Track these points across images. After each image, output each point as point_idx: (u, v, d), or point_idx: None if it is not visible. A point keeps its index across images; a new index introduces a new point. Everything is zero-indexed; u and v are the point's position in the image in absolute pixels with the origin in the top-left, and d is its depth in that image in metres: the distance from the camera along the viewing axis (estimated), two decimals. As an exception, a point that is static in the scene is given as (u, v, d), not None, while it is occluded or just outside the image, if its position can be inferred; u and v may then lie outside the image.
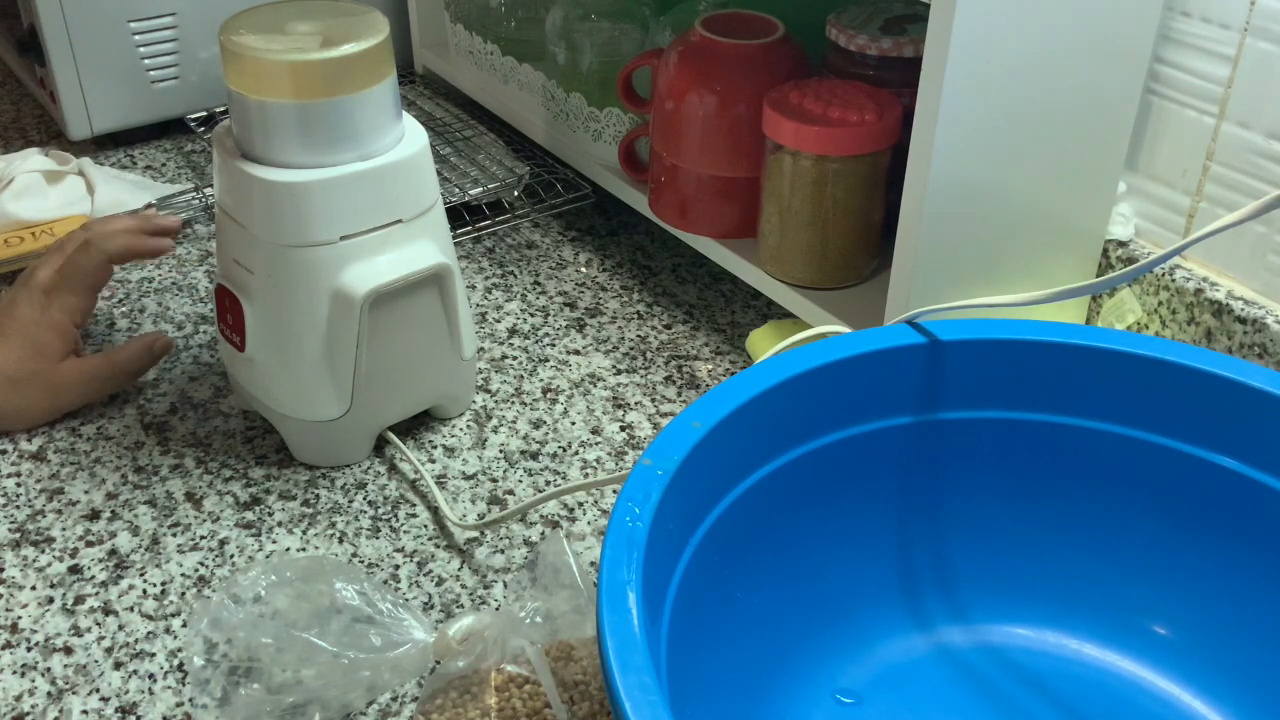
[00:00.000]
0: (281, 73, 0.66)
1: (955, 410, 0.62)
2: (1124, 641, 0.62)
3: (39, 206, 0.96)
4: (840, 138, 0.76)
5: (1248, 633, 0.59)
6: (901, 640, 0.63)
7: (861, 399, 0.60)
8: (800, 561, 0.61)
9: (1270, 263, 0.77)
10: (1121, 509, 0.62)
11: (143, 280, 0.95)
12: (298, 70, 0.66)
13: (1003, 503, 0.63)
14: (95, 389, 0.80)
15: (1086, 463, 0.61)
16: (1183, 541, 0.61)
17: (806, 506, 0.60)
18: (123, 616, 0.66)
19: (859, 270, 0.82)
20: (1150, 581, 0.62)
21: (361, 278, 0.69)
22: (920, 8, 0.83)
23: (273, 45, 0.66)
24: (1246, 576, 0.59)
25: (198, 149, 1.13)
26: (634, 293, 0.95)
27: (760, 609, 0.59)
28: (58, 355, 0.77)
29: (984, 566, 0.64)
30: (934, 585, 0.64)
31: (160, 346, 0.82)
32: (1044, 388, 0.61)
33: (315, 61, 0.66)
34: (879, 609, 0.63)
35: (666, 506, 0.50)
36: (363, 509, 0.74)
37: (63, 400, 0.79)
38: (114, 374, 0.80)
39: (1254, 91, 0.74)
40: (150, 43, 1.08)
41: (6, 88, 1.24)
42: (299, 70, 0.66)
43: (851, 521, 0.62)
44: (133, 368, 0.81)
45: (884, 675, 0.62)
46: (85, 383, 0.79)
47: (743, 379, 0.57)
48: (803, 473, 0.60)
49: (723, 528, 0.56)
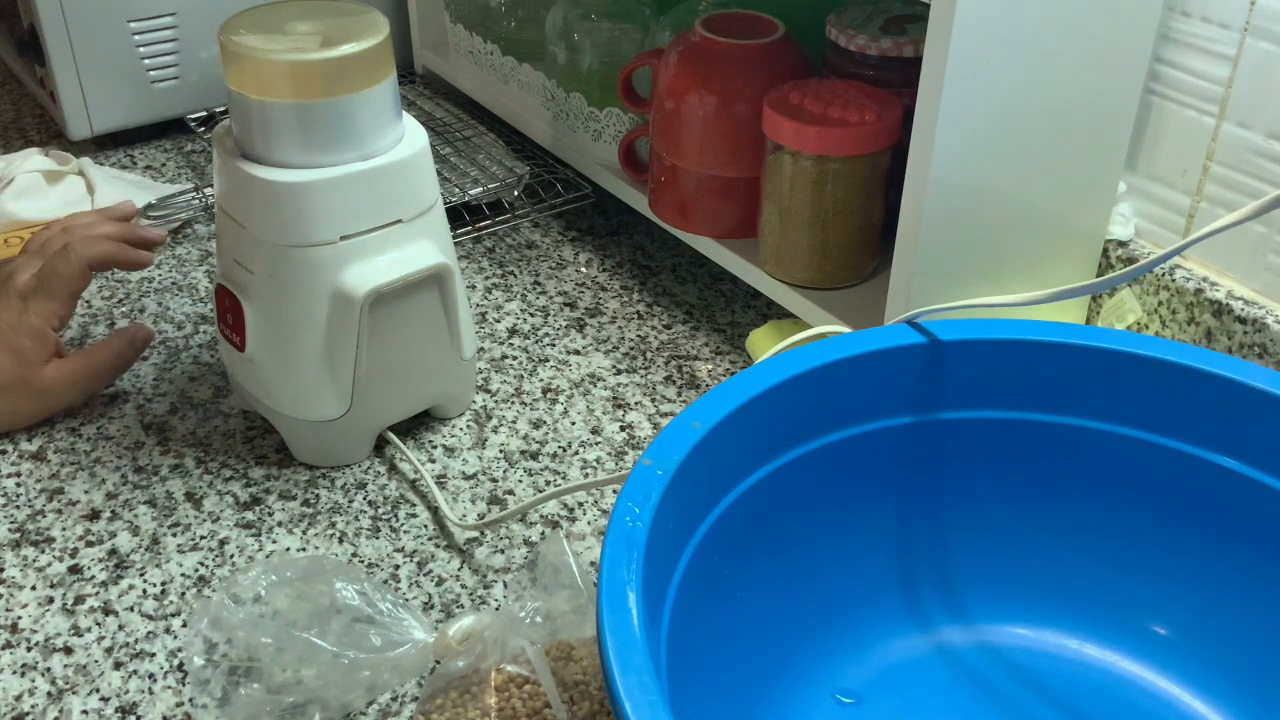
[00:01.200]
0: (281, 73, 0.66)
1: (955, 410, 0.62)
2: (1124, 641, 0.62)
3: (39, 206, 0.96)
4: (840, 138, 0.76)
5: (1248, 632, 0.59)
6: (901, 640, 0.63)
7: (862, 399, 0.60)
8: (800, 561, 0.61)
9: (1270, 263, 0.77)
10: (1121, 509, 0.62)
11: (143, 280, 0.95)
12: (297, 70, 0.66)
13: (1003, 503, 0.63)
14: (80, 389, 0.79)
15: (1086, 463, 0.61)
16: (1182, 541, 0.61)
17: (807, 506, 0.60)
18: (123, 616, 0.66)
19: (859, 270, 0.82)
20: (1150, 581, 0.62)
21: (361, 277, 0.69)
22: (920, 8, 0.83)
23: (272, 45, 0.66)
24: (1246, 576, 0.59)
25: (198, 149, 1.13)
26: (634, 293, 0.95)
27: (760, 609, 0.59)
28: (39, 360, 0.76)
29: (984, 566, 0.64)
30: (934, 585, 0.64)
31: (141, 338, 0.81)
32: (1044, 388, 0.61)
33: (315, 61, 0.66)
34: (879, 609, 0.63)
35: (666, 506, 0.50)
36: (363, 509, 0.74)
37: (50, 403, 0.78)
38: (97, 373, 0.79)
39: (1254, 91, 0.74)
40: (150, 43, 1.08)
41: (6, 88, 1.24)
42: (299, 70, 0.66)
43: (852, 521, 0.62)
44: (117, 364, 0.80)
45: (884, 675, 0.62)
46: (69, 385, 0.78)
47: (743, 379, 0.57)
48: (803, 472, 0.60)
49: (723, 528, 0.56)
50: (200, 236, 1.01)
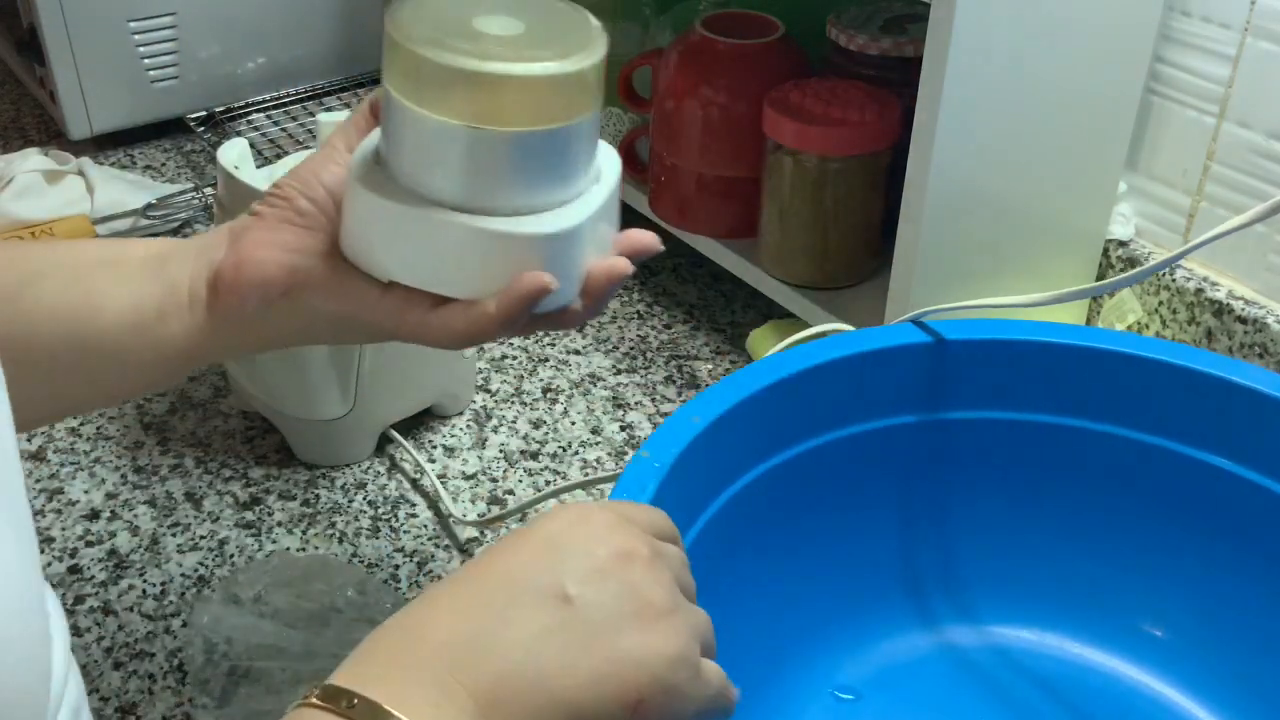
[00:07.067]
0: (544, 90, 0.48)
1: (959, 410, 0.62)
2: (1121, 643, 0.62)
3: (39, 206, 0.96)
4: (840, 138, 0.76)
5: (1245, 636, 0.59)
6: (901, 639, 0.63)
7: (865, 397, 0.60)
8: (801, 557, 0.61)
9: (1270, 263, 0.76)
10: (1122, 511, 0.62)
11: (143, 280, 0.95)
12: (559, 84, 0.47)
13: (1005, 503, 0.63)
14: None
15: (1086, 464, 0.61)
16: (1182, 544, 0.61)
17: (808, 503, 0.60)
18: (122, 616, 0.66)
19: (859, 270, 0.82)
20: (1149, 583, 0.62)
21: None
22: (920, 8, 0.83)
23: (519, 54, 0.47)
24: (1242, 578, 0.59)
25: (197, 149, 1.13)
26: (634, 293, 0.95)
27: (759, 604, 0.59)
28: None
29: (985, 567, 0.64)
30: (934, 584, 0.64)
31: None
32: (1047, 389, 0.61)
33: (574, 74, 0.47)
34: (879, 607, 0.63)
35: (663, 499, 0.50)
36: (363, 509, 0.74)
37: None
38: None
39: (1254, 91, 0.74)
40: (150, 43, 1.08)
41: (6, 88, 1.24)
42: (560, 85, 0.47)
43: (853, 519, 0.62)
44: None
45: (883, 673, 0.62)
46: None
47: (745, 374, 0.57)
48: (805, 470, 0.59)
49: (722, 522, 0.56)
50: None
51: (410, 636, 0.39)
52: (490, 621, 0.39)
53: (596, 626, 0.40)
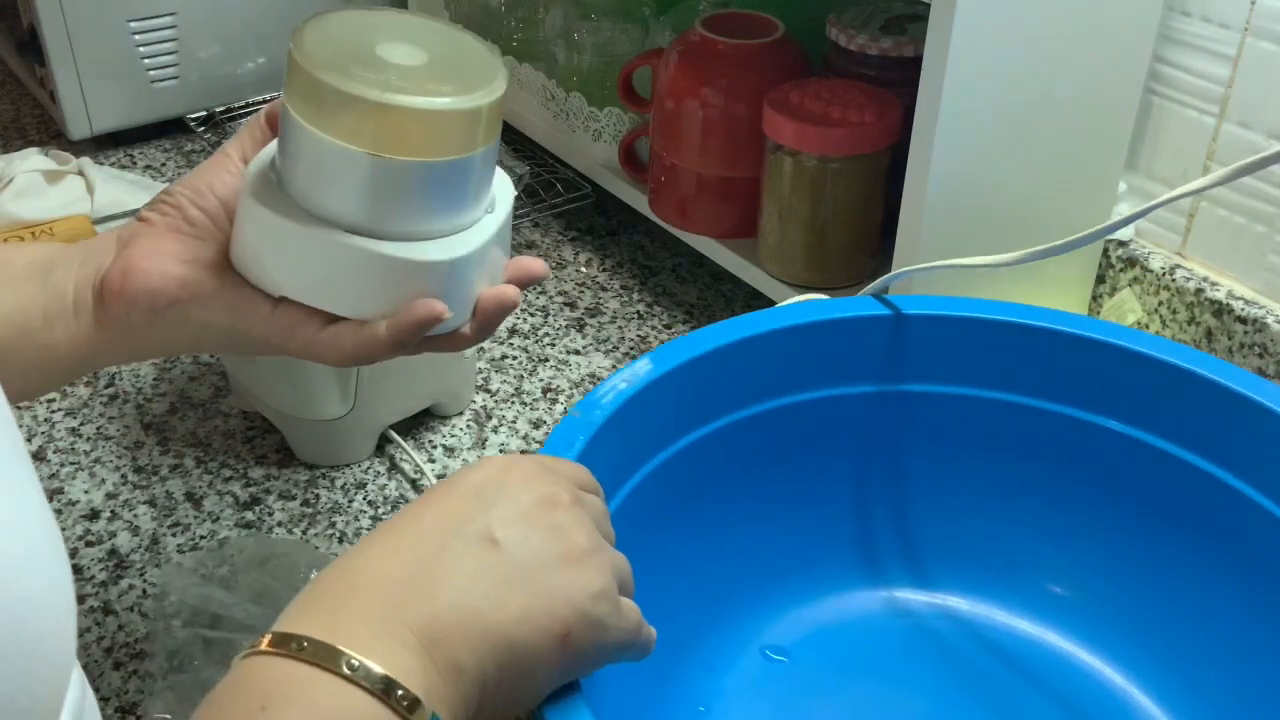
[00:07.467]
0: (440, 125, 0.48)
1: (918, 383, 0.63)
2: (1049, 614, 0.64)
3: (39, 206, 0.96)
4: (840, 138, 0.76)
5: (1154, 599, 0.61)
6: (834, 602, 0.64)
7: (822, 365, 0.61)
8: (739, 520, 0.62)
9: (1270, 263, 0.77)
10: (1068, 487, 0.63)
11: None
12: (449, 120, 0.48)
13: (957, 475, 0.64)
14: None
15: (1035, 441, 0.63)
16: (1111, 514, 0.62)
17: (756, 465, 0.61)
18: (122, 616, 0.66)
19: (859, 270, 0.82)
20: (1073, 550, 0.63)
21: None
22: (920, 8, 0.83)
23: (404, 84, 0.47)
24: (1169, 551, 0.60)
25: (197, 149, 1.13)
26: (634, 293, 0.95)
27: (692, 564, 0.60)
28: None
29: (926, 536, 0.65)
30: (875, 551, 0.66)
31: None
32: (1003, 366, 0.62)
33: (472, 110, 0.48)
34: (814, 572, 0.64)
35: (592, 455, 0.51)
36: (363, 509, 0.74)
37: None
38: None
39: (1254, 91, 0.74)
40: (150, 42, 1.08)
41: (6, 88, 1.24)
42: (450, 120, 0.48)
43: (796, 486, 0.63)
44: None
45: (814, 635, 0.63)
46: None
47: (696, 337, 0.58)
48: (755, 432, 0.61)
49: (660, 480, 0.57)
50: (200, 236, 1.01)
51: (350, 581, 0.42)
52: (426, 563, 0.42)
53: (524, 566, 0.43)
